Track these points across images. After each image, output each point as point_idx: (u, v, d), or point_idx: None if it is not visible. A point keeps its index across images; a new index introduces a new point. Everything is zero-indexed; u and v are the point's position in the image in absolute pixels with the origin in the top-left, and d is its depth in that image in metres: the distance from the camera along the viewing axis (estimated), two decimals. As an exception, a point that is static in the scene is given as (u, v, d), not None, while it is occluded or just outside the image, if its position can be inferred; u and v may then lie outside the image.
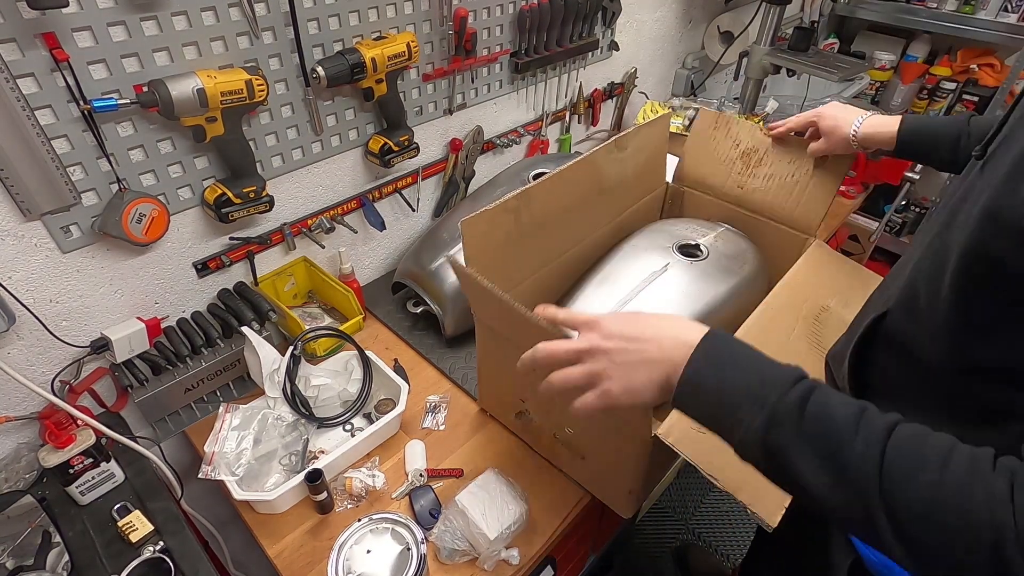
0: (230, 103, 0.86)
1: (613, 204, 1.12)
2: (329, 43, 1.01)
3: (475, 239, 0.84)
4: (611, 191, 1.09)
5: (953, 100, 2.39)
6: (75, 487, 0.86)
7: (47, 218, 0.82)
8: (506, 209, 0.87)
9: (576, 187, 1.00)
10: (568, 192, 0.99)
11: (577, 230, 1.06)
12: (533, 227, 0.94)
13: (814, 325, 0.93)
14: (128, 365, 0.95)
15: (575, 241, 1.06)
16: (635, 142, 1.08)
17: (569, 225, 1.03)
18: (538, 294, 1.01)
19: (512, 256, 0.94)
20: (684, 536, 1.82)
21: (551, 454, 0.96)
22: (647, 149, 1.14)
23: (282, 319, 1.10)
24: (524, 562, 0.84)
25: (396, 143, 1.15)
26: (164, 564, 0.79)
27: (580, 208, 1.03)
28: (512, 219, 0.89)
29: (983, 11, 2.08)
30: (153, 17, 0.81)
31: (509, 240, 0.91)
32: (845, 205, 1.67)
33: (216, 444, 0.90)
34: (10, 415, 0.89)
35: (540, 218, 0.95)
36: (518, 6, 1.27)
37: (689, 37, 1.93)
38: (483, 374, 1.01)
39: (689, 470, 0.81)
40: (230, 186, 0.95)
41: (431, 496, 0.91)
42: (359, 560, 0.74)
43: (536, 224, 0.94)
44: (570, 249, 1.06)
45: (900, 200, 1.81)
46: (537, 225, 0.95)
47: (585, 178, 1.02)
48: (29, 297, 0.85)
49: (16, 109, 0.73)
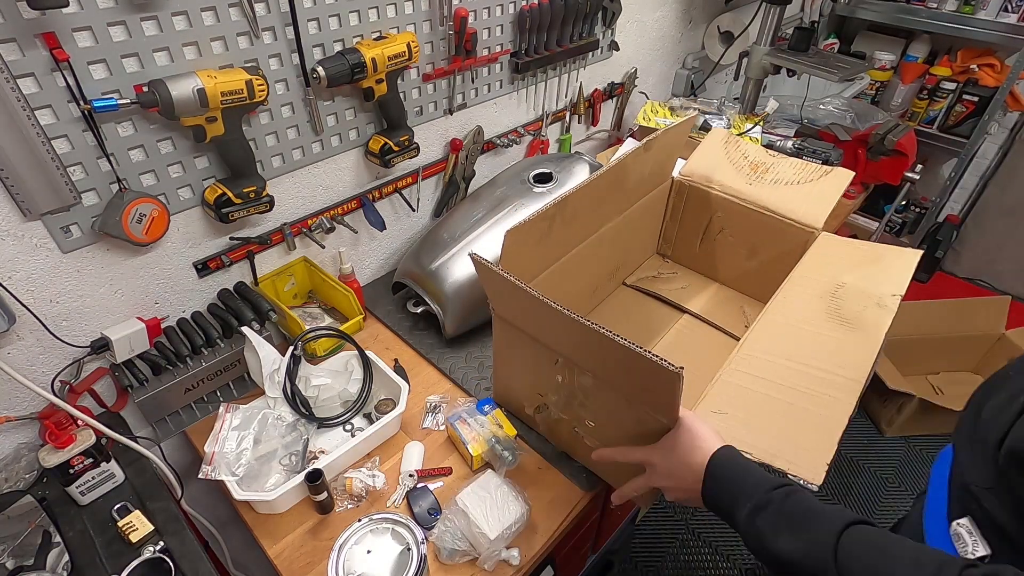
0: (230, 103, 0.86)
1: (626, 198, 1.13)
2: (329, 43, 1.01)
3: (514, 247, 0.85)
4: (630, 188, 1.11)
5: (953, 100, 2.39)
6: (75, 487, 0.86)
7: (47, 218, 0.82)
8: (544, 217, 0.89)
9: (605, 189, 1.02)
10: (598, 195, 1.01)
11: (593, 223, 1.07)
12: (563, 227, 0.96)
13: (832, 301, 0.94)
14: (128, 365, 0.95)
15: (587, 234, 1.07)
16: (660, 142, 1.08)
17: (589, 221, 1.05)
18: (553, 286, 1.02)
19: (536, 253, 0.95)
20: (684, 536, 1.82)
21: (570, 447, 0.97)
22: (667, 148, 1.13)
23: (282, 319, 1.10)
24: (524, 562, 0.84)
25: (396, 143, 1.15)
26: (164, 564, 0.79)
27: (601, 205, 1.05)
28: (547, 225, 0.92)
29: (983, 11, 2.08)
30: (153, 17, 0.81)
31: (539, 242, 0.93)
32: (845, 205, 1.67)
33: (216, 444, 0.90)
34: (10, 415, 0.89)
35: (569, 219, 0.96)
36: (518, 6, 1.26)
37: (689, 37, 1.93)
38: (499, 370, 1.01)
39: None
40: (230, 186, 0.95)
41: (430, 496, 0.91)
42: (359, 560, 0.74)
43: (565, 224, 0.96)
44: (583, 241, 1.07)
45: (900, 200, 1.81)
46: (566, 225, 0.96)
47: (615, 179, 1.03)
48: (29, 297, 0.85)
49: (16, 109, 0.73)
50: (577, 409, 0.86)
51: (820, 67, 1.54)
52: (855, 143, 1.62)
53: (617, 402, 0.77)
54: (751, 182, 1.16)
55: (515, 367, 0.96)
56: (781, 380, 0.83)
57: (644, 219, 1.24)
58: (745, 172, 1.17)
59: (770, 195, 1.13)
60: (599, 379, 0.77)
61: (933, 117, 2.47)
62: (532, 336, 0.83)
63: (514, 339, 0.88)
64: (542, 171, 1.24)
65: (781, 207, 1.11)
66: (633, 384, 0.71)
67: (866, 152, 1.61)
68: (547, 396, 0.91)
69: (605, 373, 0.75)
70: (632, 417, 0.77)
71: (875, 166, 1.63)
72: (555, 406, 0.91)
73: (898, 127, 1.60)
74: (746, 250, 1.21)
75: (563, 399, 0.88)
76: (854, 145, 1.62)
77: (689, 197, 1.24)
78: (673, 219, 1.30)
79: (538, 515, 0.90)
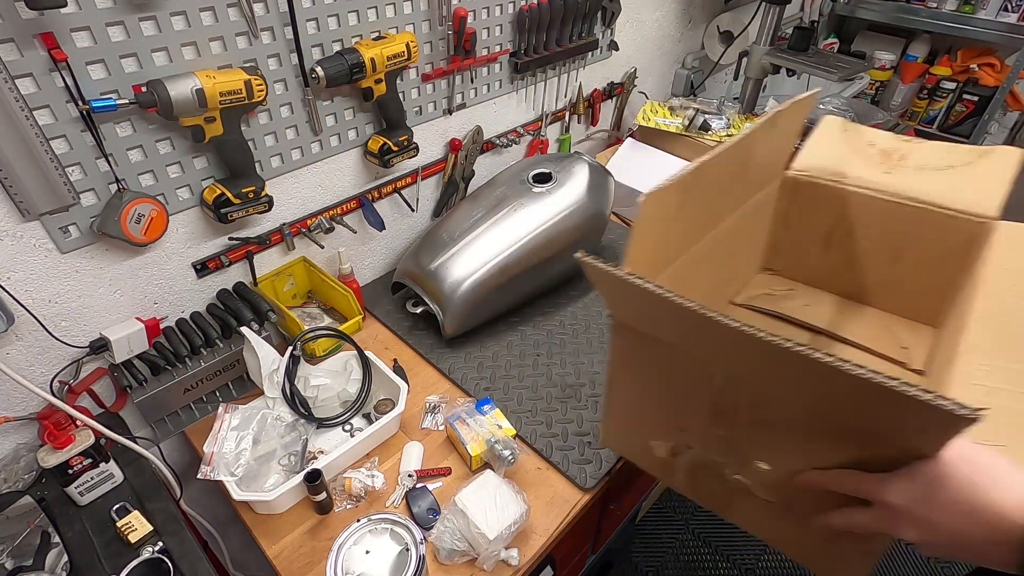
0: (229, 103, 0.86)
1: (744, 190, 0.94)
2: (328, 43, 1.01)
3: (647, 221, 0.68)
4: (751, 177, 0.93)
5: (953, 100, 2.39)
6: (74, 487, 0.86)
7: (46, 218, 0.82)
8: (681, 186, 0.70)
9: (733, 168, 0.85)
10: (727, 173, 0.84)
11: (715, 212, 0.89)
12: (691, 207, 0.78)
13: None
14: (127, 365, 0.95)
15: (709, 226, 0.88)
16: (786, 117, 0.89)
17: (713, 207, 0.87)
18: (680, 282, 0.82)
19: (664, 240, 0.78)
20: (684, 536, 1.82)
21: (721, 501, 0.69)
22: (790, 129, 0.96)
23: (281, 319, 1.10)
24: (524, 562, 0.84)
25: (395, 143, 1.15)
26: (163, 564, 0.79)
27: (723, 194, 0.88)
28: (680, 200, 0.73)
29: (983, 11, 2.08)
30: (152, 17, 0.81)
31: (669, 222, 0.75)
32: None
33: (215, 444, 0.90)
34: (9, 415, 0.89)
35: (697, 198, 0.79)
36: (518, 6, 1.26)
37: (689, 37, 1.93)
38: (615, 401, 0.75)
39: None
40: (229, 186, 0.95)
41: (429, 497, 0.91)
42: (358, 560, 0.74)
43: (694, 204, 0.79)
44: (706, 234, 0.88)
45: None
46: (694, 205, 0.79)
47: (742, 157, 0.86)
48: (28, 297, 0.85)
49: (15, 109, 0.73)
50: (744, 447, 0.61)
51: (820, 67, 1.54)
52: (855, 143, 1.61)
53: (818, 440, 0.53)
54: (889, 171, 0.94)
55: (643, 393, 0.71)
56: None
57: (752, 225, 1.02)
58: (876, 162, 0.96)
59: (919, 184, 0.91)
60: (791, 411, 0.54)
61: (933, 117, 2.47)
62: (673, 347, 0.60)
63: (644, 357, 0.66)
64: (541, 171, 1.24)
65: (938, 197, 0.89)
66: (865, 420, 0.48)
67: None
68: (690, 431, 0.66)
69: (809, 406, 0.52)
70: (841, 455, 0.53)
71: (875, 166, 1.63)
72: (704, 444, 0.65)
73: (898, 127, 1.60)
74: (888, 254, 0.98)
75: (717, 437, 0.62)
76: (854, 145, 1.61)
77: (807, 197, 1.01)
78: (785, 225, 1.06)
79: (537, 515, 0.90)
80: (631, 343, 0.67)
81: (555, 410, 1.05)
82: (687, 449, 0.68)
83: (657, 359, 0.64)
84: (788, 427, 0.56)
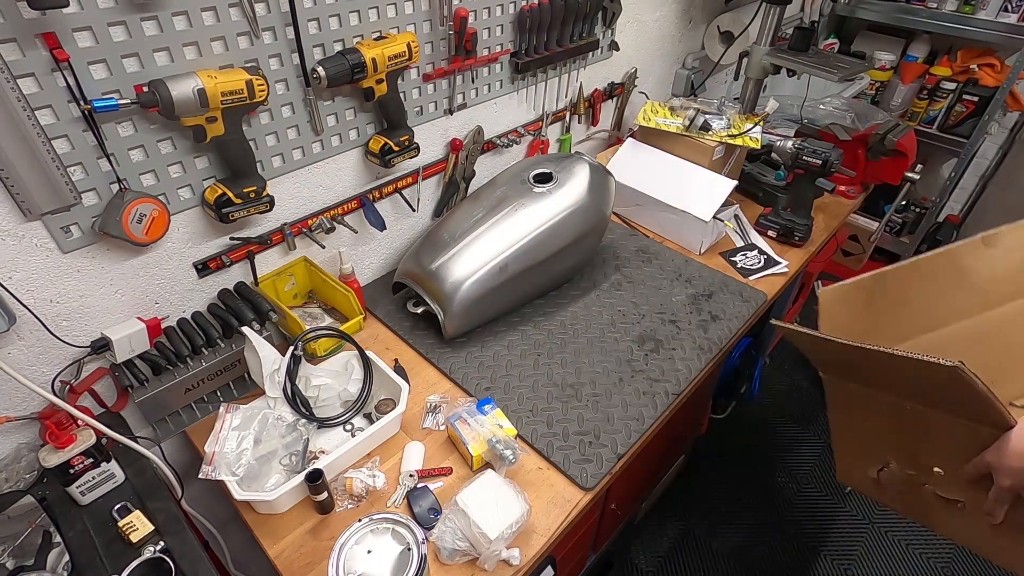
0: (230, 103, 0.86)
1: (981, 298, 0.94)
2: (329, 43, 1.01)
3: (829, 308, 0.88)
4: (979, 287, 0.94)
5: (953, 100, 2.39)
6: (75, 487, 0.86)
7: (47, 218, 0.82)
8: (860, 286, 0.91)
9: (934, 282, 0.94)
10: (925, 286, 0.95)
11: (934, 316, 0.96)
12: (888, 305, 0.95)
13: None
14: (128, 365, 0.95)
15: (930, 327, 0.96)
16: (1008, 241, 0.90)
17: (925, 311, 0.96)
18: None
19: (865, 328, 0.94)
20: (684, 536, 1.82)
21: (924, 514, 0.79)
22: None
23: (282, 319, 1.10)
24: (525, 562, 0.84)
25: (396, 143, 1.15)
26: (164, 564, 0.79)
27: (939, 298, 0.95)
28: (865, 296, 0.93)
29: (983, 11, 2.08)
30: (153, 17, 0.81)
31: (865, 313, 0.93)
32: (845, 205, 1.67)
33: (216, 444, 0.90)
34: (10, 415, 0.89)
35: (894, 298, 0.95)
36: (518, 6, 1.27)
37: (689, 37, 1.93)
38: (844, 444, 0.90)
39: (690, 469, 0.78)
40: (230, 186, 0.95)
41: (431, 496, 0.91)
42: (359, 560, 0.74)
43: (890, 302, 0.95)
44: (925, 332, 0.97)
45: (900, 200, 1.81)
46: (891, 303, 0.95)
47: (944, 271, 0.94)
48: (29, 297, 0.85)
49: (16, 109, 0.73)
50: (920, 456, 0.71)
51: (820, 67, 1.54)
52: (855, 143, 1.62)
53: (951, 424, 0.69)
54: None
55: (873, 436, 0.83)
56: None
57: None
58: None
59: None
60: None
61: (933, 117, 2.47)
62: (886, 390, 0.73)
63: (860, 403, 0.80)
64: (542, 171, 1.24)
65: None
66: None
67: (866, 152, 1.61)
68: (890, 452, 0.78)
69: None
70: (972, 438, 0.65)
71: (875, 166, 1.63)
72: (900, 459, 0.76)
73: (898, 127, 1.60)
74: None
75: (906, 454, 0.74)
76: (854, 145, 1.62)
77: None
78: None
79: (538, 515, 0.90)
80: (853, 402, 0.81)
81: (555, 410, 1.05)
82: (889, 467, 0.79)
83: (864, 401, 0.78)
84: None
